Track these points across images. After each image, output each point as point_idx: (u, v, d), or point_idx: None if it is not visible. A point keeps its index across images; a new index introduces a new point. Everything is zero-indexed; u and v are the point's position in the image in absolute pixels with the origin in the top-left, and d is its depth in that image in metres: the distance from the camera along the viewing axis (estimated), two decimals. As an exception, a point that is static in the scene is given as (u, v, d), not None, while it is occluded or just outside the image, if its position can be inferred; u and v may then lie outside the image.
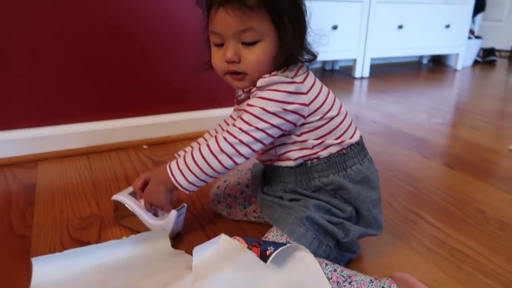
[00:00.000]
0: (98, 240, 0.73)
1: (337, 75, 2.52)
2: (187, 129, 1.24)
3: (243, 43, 0.59)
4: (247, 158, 0.61)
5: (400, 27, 2.40)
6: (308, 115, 0.62)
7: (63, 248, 0.70)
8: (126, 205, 0.74)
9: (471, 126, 1.49)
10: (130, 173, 1.01)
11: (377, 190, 0.67)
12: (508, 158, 1.17)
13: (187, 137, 1.22)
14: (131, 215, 0.74)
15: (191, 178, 0.62)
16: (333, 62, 2.70)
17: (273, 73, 0.60)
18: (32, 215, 0.81)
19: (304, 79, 0.62)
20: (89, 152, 1.13)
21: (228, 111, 0.83)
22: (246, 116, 0.60)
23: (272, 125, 0.59)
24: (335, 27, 2.16)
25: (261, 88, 0.60)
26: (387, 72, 2.64)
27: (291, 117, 0.60)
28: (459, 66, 2.80)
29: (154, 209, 0.74)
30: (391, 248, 0.73)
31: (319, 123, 0.62)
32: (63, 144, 1.11)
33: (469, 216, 0.84)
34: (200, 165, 0.61)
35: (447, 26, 2.58)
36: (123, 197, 0.75)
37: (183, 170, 0.62)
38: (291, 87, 0.59)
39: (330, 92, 0.66)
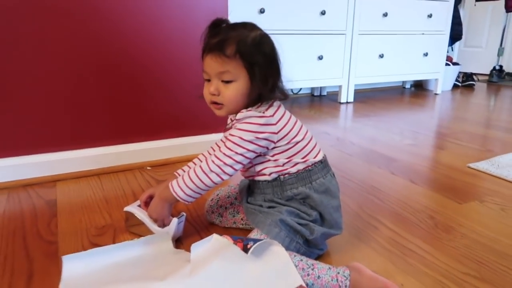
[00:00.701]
0: (113, 244, 0.88)
1: (324, 100, 2.72)
2: (185, 152, 1.42)
3: (222, 81, 0.79)
4: (230, 175, 0.80)
5: (381, 56, 2.62)
6: (278, 141, 0.80)
7: (84, 250, 0.85)
8: (136, 215, 0.90)
9: (439, 146, 1.67)
10: (137, 191, 1.18)
11: (337, 198, 0.84)
12: (466, 175, 1.33)
13: (185, 159, 1.39)
14: (140, 223, 0.90)
15: (188, 192, 0.80)
16: (321, 88, 2.90)
17: (249, 109, 0.79)
18: (56, 225, 0.97)
19: (274, 112, 0.80)
20: (100, 173, 1.30)
21: (219, 136, 1.00)
22: (228, 143, 0.78)
23: (248, 150, 0.78)
24: (320, 57, 2.36)
25: (239, 121, 0.79)
26: (371, 97, 2.84)
27: (263, 143, 0.78)
28: (438, 90, 3.00)
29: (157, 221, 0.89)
30: (354, 247, 0.89)
31: (287, 147, 0.80)
32: (78, 166, 1.27)
33: (422, 222, 1.00)
34: (195, 182, 0.79)
35: (425, 54, 2.80)
36: (134, 208, 0.91)
37: (181, 186, 0.80)
38: (262, 120, 0.77)
39: (298, 121, 0.84)
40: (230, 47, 0.75)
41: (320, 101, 2.72)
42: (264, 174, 0.83)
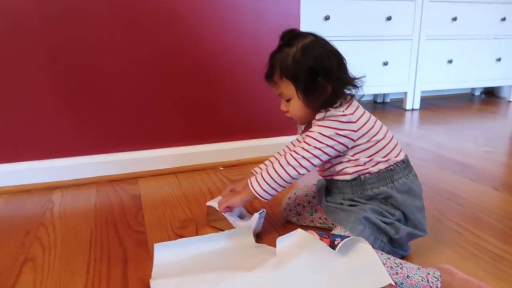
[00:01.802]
0: (197, 236, 0.93)
1: (388, 107, 2.66)
2: (256, 153, 1.45)
3: (286, 100, 0.85)
4: (308, 170, 0.81)
5: (450, 61, 2.51)
6: (358, 139, 0.80)
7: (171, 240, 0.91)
8: (218, 210, 0.94)
9: (520, 154, 1.57)
10: (212, 189, 1.23)
11: (420, 199, 0.83)
12: (555, 183, 1.24)
13: (256, 161, 1.43)
14: (222, 218, 0.94)
15: (265, 187, 0.82)
16: (384, 95, 2.84)
17: (328, 109, 0.80)
18: (143, 217, 1.04)
19: (354, 111, 0.81)
20: (177, 171, 1.37)
21: (289, 138, 1.03)
22: (307, 139, 0.80)
23: (327, 145, 0.79)
24: (385, 63, 2.32)
25: (319, 120, 0.80)
26: (437, 104, 2.73)
27: (342, 140, 0.79)
28: (512, 98, 2.82)
29: (227, 209, 0.91)
30: (437, 251, 0.86)
31: (368, 145, 0.80)
32: (157, 164, 1.35)
33: (510, 229, 0.95)
34: (272, 176, 0.82)
35: (498, 60, 2.65)
36: (216, 203, 0.95)
37: (259, 181, 0.83)
38: (344, 118, 0.79)
39: (377, 120, 0.84)
40: (276, 72, 0.82)
41: (383, 108, 2.66)
42: (345, 174, 0.83)
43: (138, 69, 1.28)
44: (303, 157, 0.80)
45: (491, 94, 3.14)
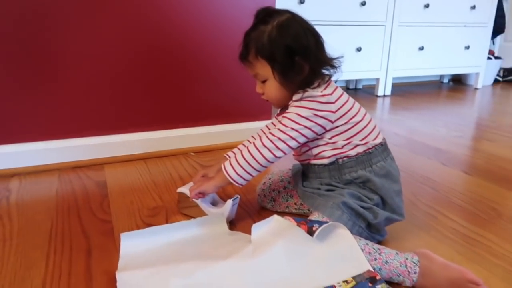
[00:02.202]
0: (167, 224, 0.88)
1: (360, 94, 2.66)
2: (229, 138, 1.41)
3: (261, 81, 0.81)
4: (284, 153, 0.77)
5: (421, 48, 2.54)
6: (336, 120, 0.77)
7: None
8: (189, 197, 0.89)
9: (489, 139, 1.60)
10: (183, 175, 1.17)
11: (398, 183, 0.81)
12: (523, 167, 1.27)
13: (228, 146, 1.38)
14: (194, 205, 0.89)
15: (239, 170, 0.78)
16: (357, 81, 2.84)
17: (305, 90, 0.76)
18: (109, 205, 0.98)
19: (333, 91, 0.78)
20: (145, 157, 1.31)
21: (263, 123, 0.98)
22: (284, 120, 0.77)
23: (305, 126, 0.75)
24: (359, 49, 2.31)
25: (297, 101, 0.77)
26: (408, 91, 2.76)
27: (320, 121, 0.75)
28: (479, 85, 2.89)
29: (198, 195, 0.86)
30: (414, 235, 0.85)
31: (346, 127, 0.77)
32: (124, 150, 1.28)
33: (484, 213, 0.96)
34: (246, 159, 0.77)
35: (467, 47, 2.70)
36: (187, 190, 0.90)
37: (233, 165, 0.79)
38: (322, 98, 0.75)
39: (356, 102, 0.81)
40: (251, 51, 0.78)
41: (355, 94, 2.66)
42: (323, 158, 0.80)
43: (104, 50, 1.19)
44: (279, 139, 0.76)
45: (458, 82, 3.21)
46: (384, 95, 2.55)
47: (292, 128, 0.75)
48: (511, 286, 0.69)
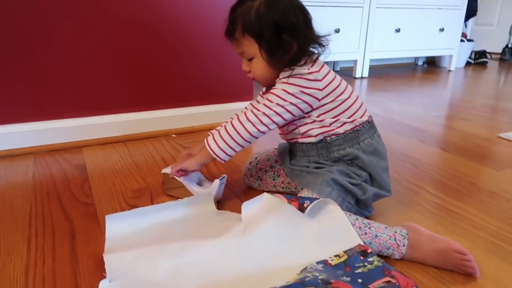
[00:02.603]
0: (153, 205, 0.86)
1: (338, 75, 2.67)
2: (211, 120, 1.38)
3: (248, 59, 0.79)
4: (269, 128, 0.76)
5: (398, 30, 2.56)
6: (323, 98, 0.76)
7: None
8: (175, 177, 0.87)
9: (464, 118, 1.64)
10: (166, 157, 1.15)
11: (385, 159, 0.82)
12: (497, 144, 1.31)
13: (211, 127, 1.34)
14: (180, 186, 0.87)
15: (222, 145, 0.77)
16: (334, 63, 2.85)
17: (292, 67, 0.75)
18: (90, 188, 0.95)
19: (320, 68, 0.77)
20: (125, 139, 1.27)
21: (245, 104, 0.96)
22: (270, 96, 0.76)
23: (291, 103, 0.74)
24: (337, 30, 2.31)
25: (284, 78, 0.75)
26: (385, 73, 2.80)
27: (307, 98, 0.75)
28: (452, 67, 2.96)
29: (180, 173, 0.85)
30: (399, 211, 0.87)
31: (333, 105, 0.77)
32: (103, 132, 1.24)
33: (463, 187, 0.98)
34: (230, 133, 0.76)
35: (441, 30, 2.75)
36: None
37: (217, 140, 0.77)
38: (309, 76, 0.74)
39: (342, 80, 0.81)
40: (237, 28, 0.75)
41: (333, 76, 2.67)
42: (310, 136, 0.80)
43: (82, 31, 1.13)
44: (264, 113, 0.74)
45: (432, 64, 3.28)
46: (362, 77, 2.57)
47: (278, 104, 0.74)
48: (492, 255, 0.71)
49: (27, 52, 1.09)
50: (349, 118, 0.79)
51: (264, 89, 0.88)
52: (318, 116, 0.78)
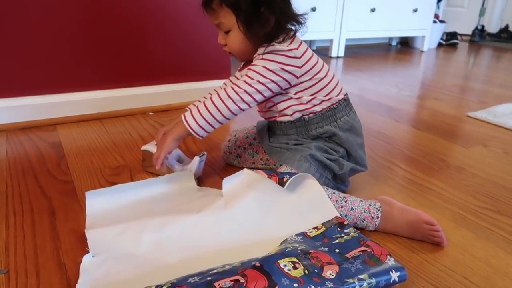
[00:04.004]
0: (133, 182, 0.86)
1: (314, 55, 2.69)
2: (188, 97, 1.38)
3: (225, 32, 0.78)
4: (249, 106, 0.77)
5: (373, 10, 2.58)
6: (301, 76, 0.77)
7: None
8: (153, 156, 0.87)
9: (435, 97, 1.70)
10: (144, 134, 1.14)
11: (361, 136, 0.85)
12: (466, 123, 1.37)
13: (188, 105, 1.35)
14: (159, 163, 0.88)
15: (201, 121, 0.76)
16: (311, 42, 2.86)
17: (271, 44, 0.75)
18: (67, 165, 0.94)
19: (299, 46, 0.78)
20: (101, 117, 1.25)
21: (221, 82, 0.96)
22: (250, 72, 0.76)
23: (271, 80, 0.75)
24: (313, 9, 2.31)
25: (263, 54, 0.76)
26: (360, 53, 2.83)
27: (286, 76, 0.76)
28: (425, 48, 3.03)
29: (165, 160, 0.84)
30: (372, 185, 0.91)
31: (310, 83, 0.78)
32: (78, 109, 1.21)
33: (433, 163, 1.03)
34: (209, 109, 0.76)
35: (415, 10, 2.79)
36: (152, 147, 0.88)
37: (195, 116, 0.77)
38: (289, 53, 0.75)
39: (319, 58, 0.82)
40: None
41: (310, 55, 2.68)
42: (287, 115, 0.81)
43: (54, 4, 1.09)
44: (245, 91, 0.75)
45: (406, 45, 3.34)
46: (338, 57, 2.60)
47: (259, 81, 0.75)
48: (459, 225, 0.76)
49: (-5, 25, 1.05)
50: (325, 96, 0.81)
51: (241, 64, 0.88)
52: (295, 94, 0.80)
